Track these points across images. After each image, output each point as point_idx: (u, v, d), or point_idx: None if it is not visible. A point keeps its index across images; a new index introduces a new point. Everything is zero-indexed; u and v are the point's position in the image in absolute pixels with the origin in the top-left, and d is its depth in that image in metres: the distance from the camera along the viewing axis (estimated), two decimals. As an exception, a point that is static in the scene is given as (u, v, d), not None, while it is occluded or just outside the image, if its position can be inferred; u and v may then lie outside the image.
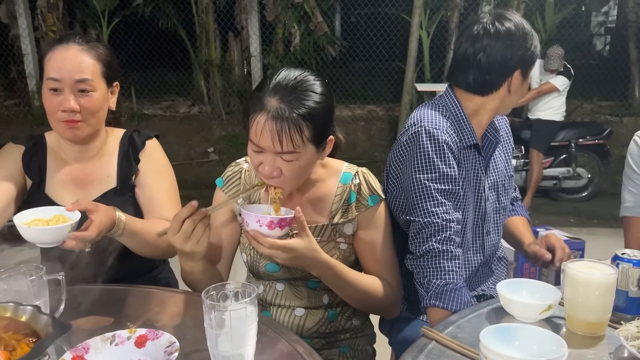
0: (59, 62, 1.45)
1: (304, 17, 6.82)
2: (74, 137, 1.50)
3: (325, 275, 1.32)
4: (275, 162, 1.23)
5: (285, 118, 1.18)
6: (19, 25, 6.65)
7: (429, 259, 1.39)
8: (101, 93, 1.50)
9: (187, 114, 7.43)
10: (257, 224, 1.18)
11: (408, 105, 6.61)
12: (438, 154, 1.41)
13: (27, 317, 0.91)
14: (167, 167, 1.65)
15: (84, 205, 1.31)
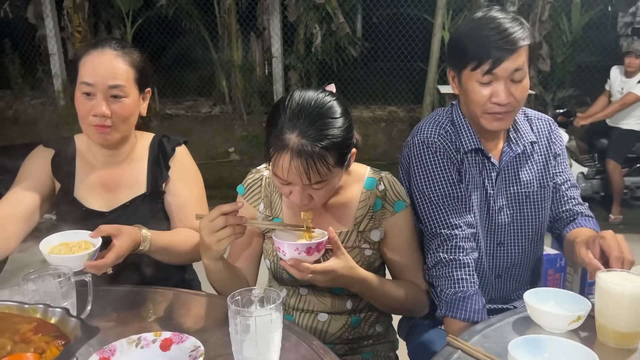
0: (93, 66, 1.45)
1: (326, 18, 6.80)
2: (104, 142, 1.51)
3: (364, 291, 1.33)
4: (304, 191, 1.24)
5: (309, 153, 1.17)
6: (46, 26, 6.76)
7: (439, 269, 1.40)
8: (133, 99, 1.50)
9: (209, 114, 7.47)
10: (295, 252, 1.17)
11: (430, 106, 6.56)
12: (431, 160, 1.45)
13: (56, 320, 0.92)
14: (197, 174, 1.65)
15: (106, 230, 1.33)
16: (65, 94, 6.84)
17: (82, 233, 1.35)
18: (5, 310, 0.97)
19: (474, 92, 1.39)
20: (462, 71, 1.41)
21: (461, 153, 1.47)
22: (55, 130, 6.71)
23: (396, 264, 1.43)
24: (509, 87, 1.37)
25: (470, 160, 1.48)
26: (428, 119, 1.54)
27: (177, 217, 1.58)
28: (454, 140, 1.48)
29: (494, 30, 1.34)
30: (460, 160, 1.47)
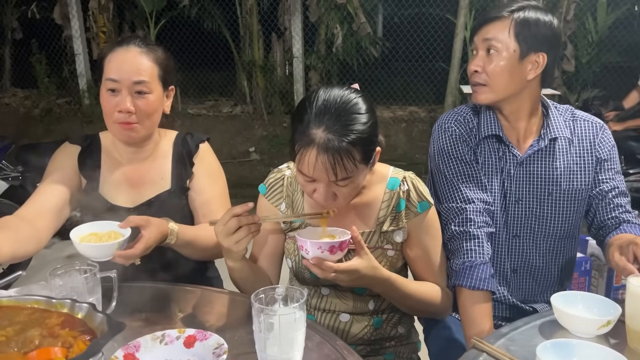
0: (118, 63, 1.47)
1: (347, 18, 6.79)
2: (128, 139, 1.53)
3: (387, 291, 1.32)
4: (329, 188, 1.24)
5: (335, 148, 1.17)
6: (72, 27, 6.87)
7: (453, 242, 1.45)
8: (157, 96, 1.52)
9: (230, 114, 7.52)
10: (318, 250, 1.17)
11: (451, 106, 6.50)
12: (447, 142, 1.52)
13: (83, 315, 0.93)
14: (220, 171, 1.66)
15: (135, 221, 1.34)
16: (89, 94, 6.95)
17: (111, 224, 1.36)
18: (33, 304, 0.98)
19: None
20: None
21: (477, 138, 1.51)
22: (79, 128, 6.82)
23: (419, 266, 1.42)
24: (482, 58, 1.44)
25: (489, 147, 1.52)
26: (451, 109, 1.61)
27: (200, 213, 1.59)
28: (471, 127, 1.53)
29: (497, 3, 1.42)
30: (476, 145, 1.52)
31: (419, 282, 1.41)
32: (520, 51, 1.41)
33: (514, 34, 1.41)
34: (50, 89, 7.18)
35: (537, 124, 1.52)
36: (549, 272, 1.57)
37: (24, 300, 0.98)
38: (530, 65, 1.43)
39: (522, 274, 1.57)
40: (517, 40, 1.40)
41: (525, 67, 1.43)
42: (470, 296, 1.38)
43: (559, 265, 1.57)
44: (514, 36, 1.40)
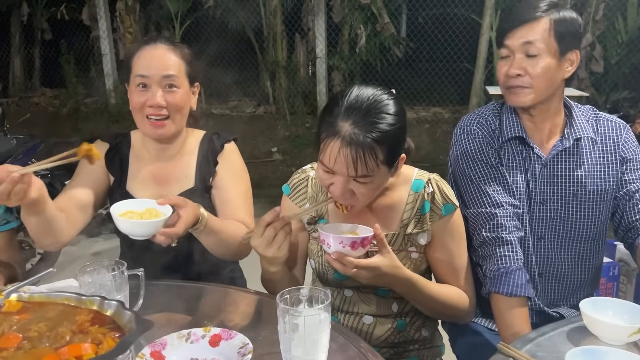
0: (147, 59, 1.52)
1: (371, 18, 6.78)
2: (159, 136, 1.56)
3: (408, 292, 1.31)
4: (347, 184, 1.23)
5: (359, 143, 1.17)
6: (99, 27, 6.99)
7: (484, 249, 1.43)
8: (185, 90, 1.56)
9: (253, 114, 7.56)
10: (340, 245, 1.17)
11: (476, 107, 6.41)
12: (471, 145, 1.50)
13: (111, 312, 0.95)
14: (244, 171, 1.67)
15: (174, 199, 1.36)
16: (116, 93, 7.06)
17: (146, 202, 1.38)
18: (64, 301, 1.00)
19: (498, 67, 1.46)
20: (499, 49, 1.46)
21: (501, 141, 1.50)
22: (106, 127, 6.93)
23: (442, 269, 1.40)
24: (521, 61, 1.40)
25: (512, 149, 1.50)
26: (474, 111, 1.59)
27: (221, 210, 1.61)
28: (494, 129, 1.51)
29: (522, 3, 1.39)
30: (499, 147, 1.50)
31: (442, 285, 1.40)
32: (560, 50, 1.40)
33: (554, 34, 1.38)
34: (77, 89, 7.32)
35: (561, 124, 1.51)
36: (575, 275, 1.55)
37: (54, 297, 1.01)
38: (567, 63, 1.43)
39: (548, 277, 1.55)
40: (557, 40, 1.39)
41: (564, 66, 1.43)
42: (508, 302, 1.36)
43: (585, 269, 1.55)
44: (554, 36, 1.38)
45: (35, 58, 7.70)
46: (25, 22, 7.40)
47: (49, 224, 1.40)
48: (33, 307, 0.99)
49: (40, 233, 1.43)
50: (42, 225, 1.39)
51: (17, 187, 1.21)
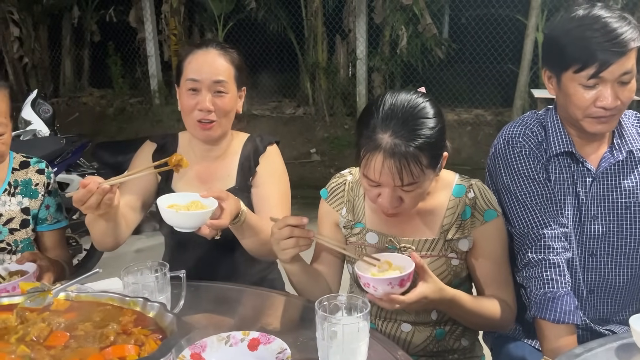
0: (199, 64, 1.55)
1: (413, 19, 6.71)
2: (207, 138, 1.60)
3: (452, 310, 1.29)
4: (394, 193, 1.23)
5: (402, 153, 1.16)
6: (145, 29, 7.18)
7: (529, 270, 1.36)
8: (233, 95, 1.59)
9: (292, 115, 7.60)
10: (388, 286, 1.14)
11: (520, 110, 6.27)
12: (516, 159, 1.42)
13: (154, 314, 0.97)
14: (283, 172, 1.69)
15: (217, 192, 1.38)
16: (160, 94, 7.23)
17: (190, 195, 1.41)
18: (108, 301, 1.03)
19: (577, 95, 1.33)
20: (562, 73, 1.34)
21: (548, 155, 1.42)
22: (150, 127, 7.11)
23: (483, 277, 1.37)
24: (615, 90, 1.30)
25: (560, 164, 1.43)
26: (516, 120, 1.51)
27: (258, 208, 1.63)
28: (540, 141, 1.44)
29: (600, 31, 1.26)
30: (547, 161, 1.43)
31: (482, 298, 1.36)
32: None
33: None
34: (123, 89, 7.54)
35: (609, 134, 1.44)
36: (627, 290, 1.47)
37: (100, 297, 1.04)
38: None
39: (600, 293, 1.47)
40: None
41: None
42: (554, 329, 1.30)
43: (638, 283, 1.48)
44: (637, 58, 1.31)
45: (84, 59, 7.97)
46: (75, 24, 7.67)
47: (115, 228, 1.47)
48: (79, 306, 1.02)
49: (106, 236, 1.50)
50: (109, 230, 1.47)
51: (106, 197, 1.29)
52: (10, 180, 1.65)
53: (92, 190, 1.27)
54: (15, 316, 0.97)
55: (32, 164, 1.70)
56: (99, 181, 1.29)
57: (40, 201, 1.68)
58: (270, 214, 1.59)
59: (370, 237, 1.39)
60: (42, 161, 1.73)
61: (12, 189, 1.65)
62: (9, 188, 1.64)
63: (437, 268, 1.34)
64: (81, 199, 1.29)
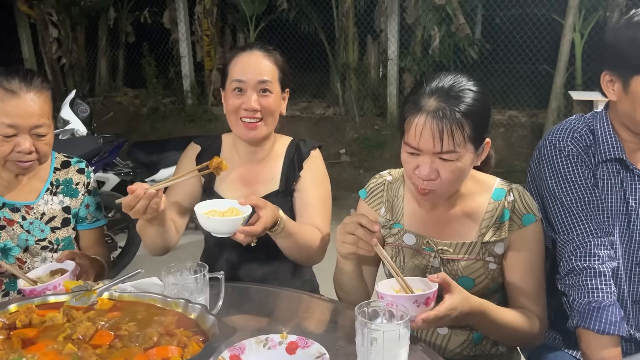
0: (244, 65, 1.58)
1: (445, 19, 6.63)
2: (252, 138, 1.62)
3: (482, 322, 1.25)
4: (433, 163, 1.21)
5: (446, 116, 1.18)
6: (179, 30, 7.27)
7: (572, 277, 1.32)
8: (277, 95, 1.61)
9: (322, 116, 7.60)
10: (414, 305, 1.10)
11: (556, 112, 6.13)
12: (563, 163, 1.38)
13: (195, 315, 0.98)
14: (325, 178, 1.70)
15: (254, 200, 1.40)
16: (192, 94, 7.32)
17: (228, 202, 1.44)
18: (150, 301, 1.04)
19: None
20: (632, 77, 1.29)
21: (596, 160, 1.38)
22: (182, 126, 7.20)
23: (513, 283, 1.34)
24: None
25: (609, 170, 1.38)
26: (562, 123, 1.47)
27: (299, 213, 1.64)
28: (589, 145, 1.39)
29: None
30: (595, 167, 1.38)
31: (511, 311, 1.31)
32: None
33: None
34: (157, 89, 7.66)
35: None
36: None
37: (142, 297, 1.05)
38: None
39: None
40: None
41: None
42: (599, 340, 1.26)
43: None
44: None
45: (119, 60, 8.13)
46: (111, 25, 7.83)
47: (164, 233, 1.50)
48: (122, 305, 1.03)
49: (156, 241, 1.53)
50: (159, 234, 1.50)
51: (153, 201, 1.33)
52: (52, 180, 1.69)
53: (139, 196, 1.31)
54: (62, 314, 0.99)
55: (72, 163, 1.74)
56: (145, 186, 1.32)
57: (80, 200, 1.72)
58: (311, 220, 1.62)
59: (408, 238, 1.39)
60: (83, 161, 1.77)
61: (54, 188, 1.68)
62: (51, 187, 1.68)
63: (474, 271, 1.33)
64: (129, 204, 1.33)
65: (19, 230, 1.62)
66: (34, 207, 1.64)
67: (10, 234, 1.61)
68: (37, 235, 1.64)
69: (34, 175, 1.66)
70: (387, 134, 6.76)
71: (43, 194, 1.67)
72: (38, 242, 1.64)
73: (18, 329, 0.96)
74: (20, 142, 1.49)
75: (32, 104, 1.49)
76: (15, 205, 1.62)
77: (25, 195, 1.65)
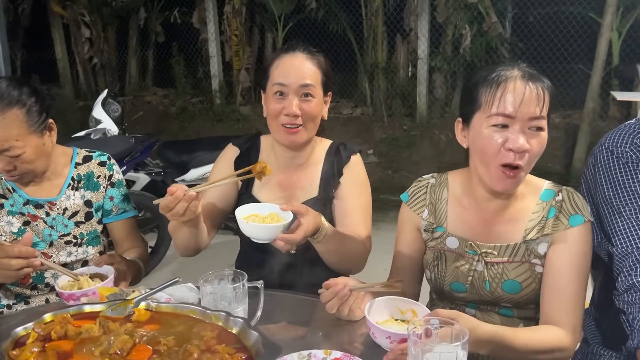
0: (286, 68, 1.52)
1: (477, 18, 6.50)
2: (292, 143, 1.56)
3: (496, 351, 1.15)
4: (524, 133, 1.19)
5: (539, 79, 1.20)
6: (208, 30, 7.29)
7: (632, 294, 1.22)
8: (319, 99, 1.55)
9: (350, 116, 7.54)
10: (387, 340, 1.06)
11: (592, 113, 5.94)
12: (621, 171, 1.30)
13: (237, 330, 0.92)
14: (366, 184, 1.64)
15: (296, 207, 1.35)
16: (221, 94, 7.33)
17: (271, 206, 1.39)
18: (189, 313, 0.99)
19: None
20: None
21: None
22: (210, 126, 7.22)
23: (548, 288, 1.26)
24: None
25: None
26: (620, 127, 1.37)
27: (340, 221, 1.58)
28: None
29: None
30: None
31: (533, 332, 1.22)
32: None
33: None
34: (186, 89, 7.69)
35: None
36: None
37: (180, 308, 1.01)
38: None
39: None
40: None
41: None
42: None
43: None
44: None
45: (149, 59, 8.19)
46: (141, 26, 7.90)
47: (197, 235, 1.47)
48: (160, 317, 0.99)
49: (189, 243, 1.50)
50: (192, 237, 1.47)
51: (192, 204, 1.30)
52: (74, 175, 1.68)
53: (179, 197, 1.28)
54: (98, 326, 0.95)
55: (94, 157, 1.72)
56: (185, 188, 1.28)
57: (102, 193, 1.70)
58: (351, 229, 1.56)
59: (451, 242, 1.35)
60: (105, 154, 1.75)
61: (75, 183, 1.68)
62: (73, 182, 1.68)
63: (520, 274, 1.28)
64: (168, 206, 1.29)
65: (42, 226, 1.62)
66: (56, 203, 1.65)
67: (35, 230, 1.62)
68: (60, 230, 1.64)
69: (55, 172, 1.66)
70: (416, 134, 6.66)
71: (65, 190, 1.67)
72: (62, 237, 1.64)
73: (53, 341, 0.93)
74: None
75: None
76: (39, 202, 1.63)
77: (48, 192, 1.65)
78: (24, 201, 1.62)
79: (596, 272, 1.45)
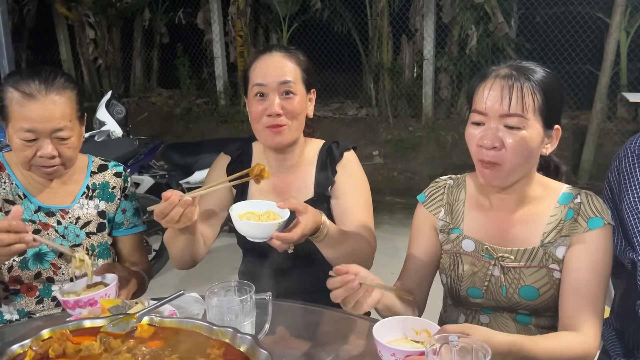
0: (264, 68, 1.51)
1: (484, 18, 6.45)
2: (278, 144, 1.53)
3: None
4: (498, 132, 1.17)
5: (516, 78, 1.18)
6: (212, 31, 7.26)
7: None
8: (301, 97, 1.52)
9: (355, 117, 7.50)
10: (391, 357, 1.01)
11: (600, 114, 5.88)
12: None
13: (245, 348, 0.88)
14: (364, 180, 1.61)
15: (294, 204, 1.31)
16: (225, 95, 7.31)
17: (268, 203, 1.36)
18: (195, 329, 0.95)
19: None
20: None
21: None
22: (215, 127, 7.19)
23: (566, 294, 1.22)
24: None
25: None
26: None
27: (341, 220, 1.55)
28: None
29: None
30: None
31: (553, 339, 1.18)
32: None
33: None
34: (190, 90, 7.67)
35: None
36: None
37: (185, 324, 0.97)
38: None
39: None
40: None
41: None
42: None
43: None
44: None
45: (154, 60, 8.18)
46: (146, 26, 7.88)
47: (193, 244, 1.44)
48: (164, 333, 0.95)
49: (185, 253, 1.47)
50: (188, 246, 1.44)
51: (187, 209, 1.27)
52: (89, 184, 1.64)
53: (174, 203, 1.24)
54: (99, 343, 0.91)
55: (110, 167, 1.68)
56: (180, 194, 1.25)
57: (116, 205, 1.66)
58: (354, 227, 1.52)
59: (467, 245, 1.32)
60: (120, 165, 1.71)
61: (90, 192, 1.63)
62: (87, 191, 1.63)
63: (538, 280, 1.24)
64: (163, 212, 1.25)
65: (53, 235, 1.56)
66: (69, 212, 1.59)
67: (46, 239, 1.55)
68: (72, 240, 1.58)
69: (70, 179, 1.61)
70: (421, 135, 6.61)
71: (79, 198, 1.61)
72: (73, 247, 1.57)
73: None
74: (42, 147, 1.44)
75: (51, 107, 1.42)
76: (51, 209, 1.57)
77: (61, 199, 1.60)
78: (35, 208, 1.56)
79: (618, 280, 1.41)
